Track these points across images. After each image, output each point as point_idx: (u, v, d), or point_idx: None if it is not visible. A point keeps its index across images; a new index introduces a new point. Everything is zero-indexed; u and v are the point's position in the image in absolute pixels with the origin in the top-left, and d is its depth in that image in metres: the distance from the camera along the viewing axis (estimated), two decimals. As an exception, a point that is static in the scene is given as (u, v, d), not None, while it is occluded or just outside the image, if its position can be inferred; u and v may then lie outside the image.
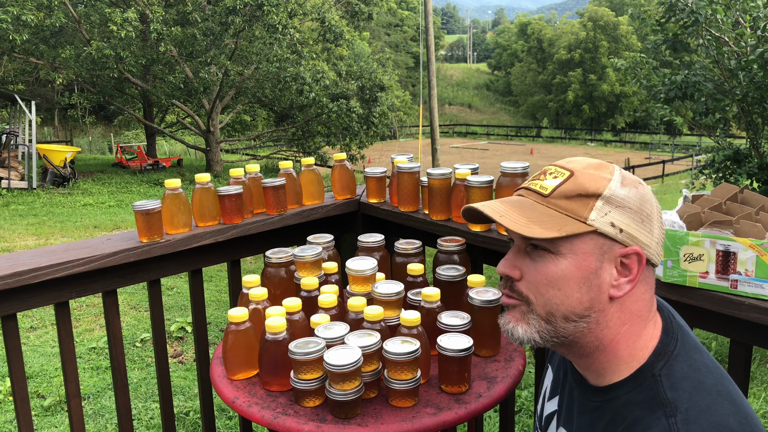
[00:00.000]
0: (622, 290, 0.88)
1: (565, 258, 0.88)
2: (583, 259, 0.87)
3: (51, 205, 12.63)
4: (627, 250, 0.87)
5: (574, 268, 0.87)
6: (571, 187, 0.88)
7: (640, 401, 0.86)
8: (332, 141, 18.90)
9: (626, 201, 0.88)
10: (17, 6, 13.80)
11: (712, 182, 7.80)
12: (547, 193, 0.89)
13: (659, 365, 0.88)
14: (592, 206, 0.87)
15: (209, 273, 6.87)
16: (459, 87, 56.63)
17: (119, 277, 1.69)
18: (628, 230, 0.87)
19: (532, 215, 0.88)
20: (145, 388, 4.13)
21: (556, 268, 0.88)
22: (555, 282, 0.88)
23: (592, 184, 0.88)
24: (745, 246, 1.16)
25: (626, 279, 0.88)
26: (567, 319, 0.89)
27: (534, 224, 0.87)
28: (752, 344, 1.29)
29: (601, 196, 0.87)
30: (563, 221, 0.87)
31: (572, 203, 0.88)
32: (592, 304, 0.88)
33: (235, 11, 14.64)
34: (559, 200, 0.88)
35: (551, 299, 0.89)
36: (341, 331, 1.37)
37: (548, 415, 1.09)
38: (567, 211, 0.88)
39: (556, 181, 0.90)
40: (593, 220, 0.86)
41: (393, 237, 2.06)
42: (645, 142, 36.39)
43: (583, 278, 0.87)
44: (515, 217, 0.89)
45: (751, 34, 6.55)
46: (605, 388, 0.92)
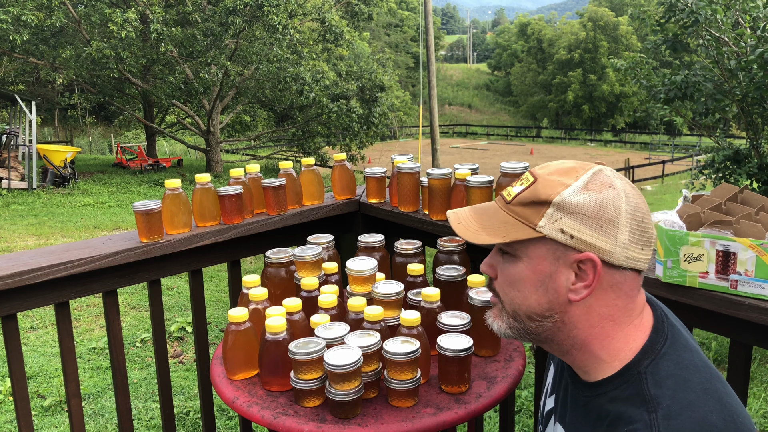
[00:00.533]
0: (578, 294, 0.91)
1: (522, 261, 0.93)
2: (537, 263, 0.92)
3: (51, 205, 12.63)
4: (581, 256, 0.89)
5: (530, 272, 0.93)
6: (528, 195, 0.93)
7: (624, 397, 0.88)
8: (332, 141, 18.90)
9: (580, 207, 0.88)
10: (17, 6, 13.80)
11: (712, 182, 7.80)
12: (509, 200, 0.95)
13: (645, 363, 0.90)
14: (543, 213, 0.90)
15: (209, 273, 6.87)
16: (459, 87, 56.63)
17: (119, 277, 1.69)
18: (579, 236, 0.89)
19: (487, 222, 0.95)
20: (145, 388, 4.13)
21: (514, 270, 0.95)
22: (514, 283, 0.95)
23: (546, 191, 0.91)
24: (745, 246, 1.16)
25: (582, 284, 0.91)
26: (530, 318, 0.95)
27: (483, 231, 0.94)
28: (752, 344, 1.29)
29: (552, 203, 0.90)
30: (513, 227, 0.92)
31: (526, 210, 0.92)
32: (552, 305, 0.93)
33: (235, 11, 14.64)
34: (516, 207, 0.94)
35: (513, 299, 0.96)
36: (341, 331, 1.37)
37: (548, 411, 1.11)
38: (521, 218, 0.93)
39: (521, 187, 0.95)
40: (542, 226, 0.90)
41: (393, 237, 2.06)
42: (645, 142, 36.39)
43: (538, 281, 0.92)
44: (469, 224, 0.97)
45: (750, 34, 6.56)
46: (594, 384, 0.95)
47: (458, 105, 53.63)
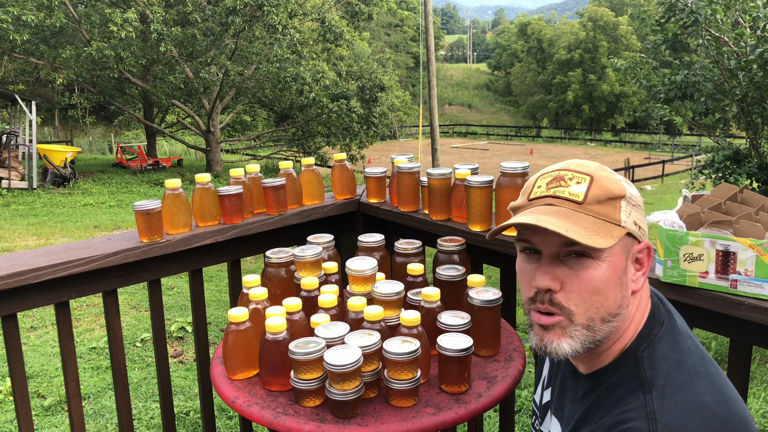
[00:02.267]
0: (639, 284, 0.93)
1: (604, 262, 0.89)
2: (617, 260, 0.90)
3: (51, 205, 12.63)
4: (641, 246, 0.92)
5: (612, 270, 0.89)
6: (600, 192, 0.90)
7: (622, 382, 0.90)
8: (332, 141, 18.90)
9: (637, 199, 0.93)
10: (18, 6, 13.81)
11: (712, 182, 7.80)
12: (581, 200, 0.89)
13: (642, 347, 0.92)
14: (620, 208, 0.90)
15: (209, 273, 6.87)
16: (459, 87, 56.62)
17: (119, 277, 1.69)
18: (643, 227, 0.93)
19: (584, 224, 0.88)
20: (145, 388, 4.13)
21: (598, 273, 0.89)
22: (599, 288, 0.89)
23: (615, 186, 0.91)
24: (744, 246, 1.16)
25: (641, 273, 0.93)
26: (604, 321, 0.91)
27: (593, 233, 0.87)
28: (752, 344, 1.29)
29: (625, 197, 0.90)
30: (608, 227, 0.88)
31: (605, 207, 0.89)
32: (623, 301, 0.92)
33: (235, 11, 14.64)
34: (593, 206, 0.89)
35: (594, 305, 0.90)
36: (341, 331, 1.37)
37: (545, 404, 1.12)
38: (603, 216, 0.89)
39: (582, 187, 0.90)
40: (624, 222, 0.89)
41: (393, 237, 2.07)
42: (645, 142, 36.38)
43: (617, 278, 0.90)
44: (576, 228, 0.87)
45: (750, 34, 6.56)
46: (593, 374, 0.96)
47: (458, 105, 53.62)
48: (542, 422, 1.12)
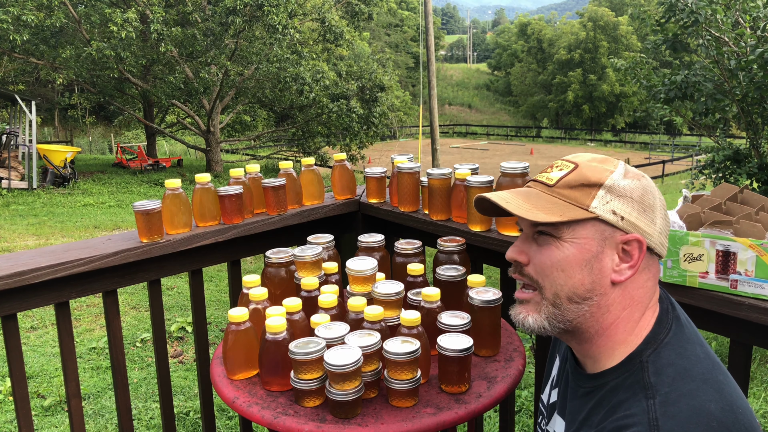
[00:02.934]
0: (623, 275, 0.93)
1: (566, 242, 0.93)
2: (584, 244, 0.93)
3: (51, 205, 12.63)
4: (628, 237, 0.92)
5: (576, 251, 0.93)
6: (575, 178, 0.94)
7: (625, 386, 0.89)
8: (332, 141, 18.90)
9: (628, 191, 0.93)
10: (17, 6, 13.80)
11: (712, 182, 7.80)
12: (552, 184, 0.96)
13: (648, 352, 0.92)
14: (594, 195, 0.92)
15: (209, 273, 6.87)
16: (459, 87, 56.61)
17: (119, 277, 1.69)
18: (629, 218, 0.92)
19: (537, 202, 0.95)
20: (145, 388, 4.13)
21: (558, 251, 0.94)
22: (559, 263, 0.94)
23: (595, 174, 0.94)
24: (744, 246, 1.16)
25: (627, 265, 0.93)
26: (570, 300, 0.94)
27: (538, 210, 0.93)
28: (752, 344, 1.29)
29: (603, 185, 0.93)
30: (566, 208, 0.93)
31: (575, 192, 0.94)
32: (594, 286, 0.93)
33: (235, 11, 14.64)
34: (563, 189, 0.94)
35: (556, 279, 0.94)
36: (341, 331, 1.37)
37: (552, 404, 1.12)
38: (570, 200, 0.94)
39: (561, 172, 0.96)
40: (595, 207, 0.92)
41: (393, 237, 2.07)
42: (645, 142, 36.39)
43: (584, 261, 0.93)
44: (520, 203, 0.95)
45: (751, 34, 6.56)
46: (597, 375, 0.96)
47: (458, 105, 53.62)
48: (549, 422, 1.11)
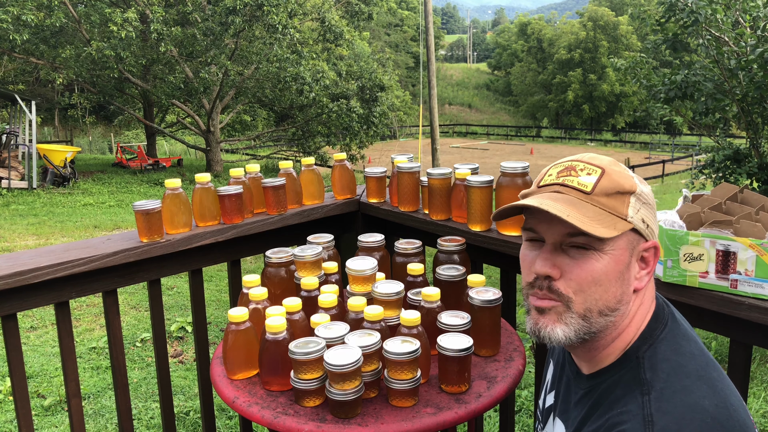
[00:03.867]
0: (642, 282, 0.93)
1: (607, 254, 0.89)
2: (620, 255, 0.90)
3: (51, 205, 12.63)
4: (648, 244, 0.92)
5: (614, 264, 0.89)
6: (609, 185, 0.90)
7: (621, 382, 0.90)
8: (332, 141, 18.90)
9: (648, 197, 0.93)
10: (17, 6, 13.80)
11: (712, 182, 7.80)
12: (589, 191, 0.90)
13: (643, 348, 0.91)
14: (628, 203, 0.90)
15: (209, 273, 6.87)
16: (459, 87, 56.61)
17: (119, 277, 1.69)
18: (651, 225, 0.93)
19: (588, 213, 0.88)
20: (145, 388, 4.13)
21: (599, 264, 0.89)
22: (599, 279, 0.89)
23: (626, 181, 0.91)
24: (745, 246, 1.16)
25: (645, 271, 0.93)
26: (601, 314, 0.91)
27: (595, 222, 0.87)
28: (752, 344, 1.29)
29: (635, 193, 0.91)
30: (613, 219, 0.89)
31: (612, 200, 0.90)
32: (623, 297, 0.92)
33: (235, 11, 14.64)
34: (601, 197, 0.90)
35: (593, 295, 0.90)
36: (341, 331, 1.37)
37: (548, 408, 1.12)
38: (609, 209, 0.89)
39: (592, 178, 0.91)
40: (631, 217, 0.90)
41: (393, 237, 2.07)
42: (645, 142, 36.39)
43: (619, 273, 0.90)
44: (578, 215, 0.87)
45: (751, 34, 6.56)
46: (594, 374, 0.96)
47: (458, 105, 53.62)
48: (544, 427, 1.11)
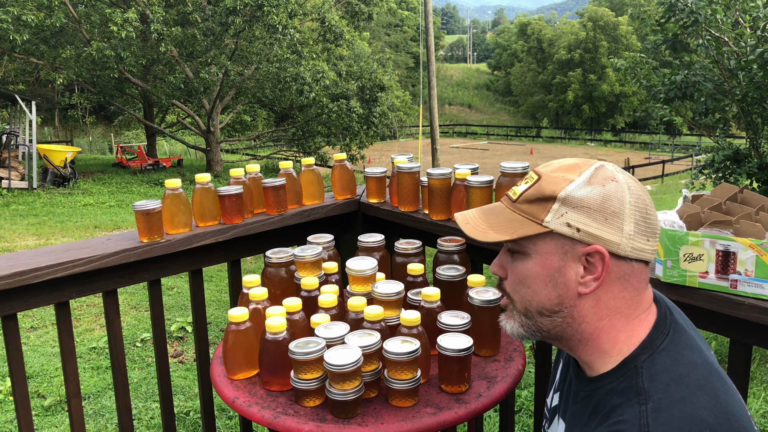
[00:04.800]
0: (588, 287, 0.92)
1: (531, 258, 0.95)
2: (545, 258, 0.93)
3: (51, 205, 12.64)
4: (588, 249, 0.90)
5: (539, 267, 0.94)
6: (533, 192, 0.94)
7: (619, 390, 0.89)
8: (332, 141, 18.89)
9: (584, 201, 0.90)
10: (18, 6, 13.80)
11: (712, 182, 7.80)
12: (515, 199, 0.97)
13: (643, 357, 0.91)
14: (549, 208, 0.92)
15: (209, 273, 6.87)
16: (459, 87, 56.61)
17: (119, 277, 1.69)
18: (586, 229, 0.90)
19: (495, 221, 0.97)
20: (145, 388, 4.13)
21: (523, 267, 0.96)
22: (524, 280, 0.96)
23: (550, 187, 0.93)
24: (744, 246, 1.16)
25: (592, 277, 0.92)
26: (541, 314, 0.96)
27: (491, 229, 0.96)
28: (752, 344, 1.29)
29: (557, 198, 0.91)
30: (521, 224, 0.94)
31: (532, 207, 0.94)
32: (561, 300, 0.94)
33: (235, 11, 14.64)
34: (522, 204, 0.95)
35: (524, 296, 0.97)
36: (341, 331, 1.37)
37: (554, 407, 1.12)
38: (527, 215, 0.94)
39: (525, 186, 0.97)
40: (548, 221, 0.92)
41: (393, 237, 2.06)
42: (645, 142, 36.38)
43: (548, 276, 0.94)
44: (477, 223, 0.98)
45: (750, 34, 6.56)
46: (594, 379, 0.96)
47: (458, 105, 53.62)
48: (550, 425, 1.11)
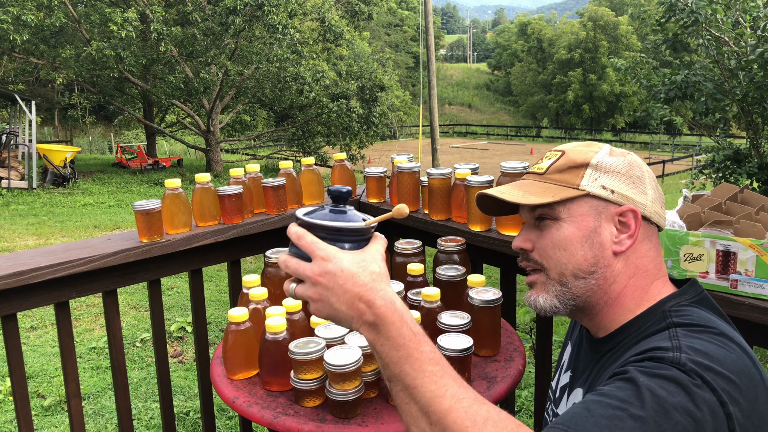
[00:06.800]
0: (623, 245, 0.97)
1: (565, 222, 0.98)
2: (581, 221, 0.97)
3: (51, 205, 12.63)
4: (622, 209, 0.97)
5: (575, 229, 0.97)
6: (563, 162, 1.01)
7: (649, 332, 0.92)
8: (332, 141, 18.90)
9: (614, 167, 0.98)
10: (17, 6, 13.80)
11: (712, 182, 7.80)
12: (543, 172, 1.02)
13: (670, 304, 0.94)
14: (583, 174, 0.98)
15: (209, 273, 6.87)
16: (459, 87, 56.62)
17: (119, 277, 1.69)
18: (619, 191, 0.97)
19: (530, 189, 1.01)
20: (145, 388, 4.13)
21: (558, 232, 0.98)
22: (560, 243, 0.98)
23: (580, 156, 1.00)
24: (745, 246, 1.16)
25: (626, 235, 0.97)
26: (576, 277, 0.98)
27: (531, 195, 0.99)
28: (752, 344, 1.29)
29: (590, 164, 0.98)
30: (557, 190, 0.98)
31: (565, 175, 0.99)
32: (597, 260, 0.97)
33: (235, 11, 14.64)
34: (553, 175, 1.01)
35: (560, 260, 0.99)
36: (341, 331, 1.37)
37: (562, 387, 1.13)
38: (560, 182, 0.99)
39: (550, 161, 1.03)
40: (584, 185, 0.97)
41: (393, 237, 2.06)
42: (645, 142, 36.39)
43: (584, 237, 0.97)
44: (514, 192, 1.01)
45: (751, 34, 6.56)
46: (616, 331, 0.98)
47: (458, 105, 53.63)
48: (558, 405, 1.12)
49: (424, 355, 0.78)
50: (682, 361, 0.78)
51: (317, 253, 0.80)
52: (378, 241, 0.85)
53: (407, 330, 0.79)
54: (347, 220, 0.83)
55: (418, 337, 0.79)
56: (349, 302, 0.79)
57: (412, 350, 0.78)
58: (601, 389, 0.80)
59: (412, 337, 0.79)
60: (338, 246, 0.81)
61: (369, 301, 0.78)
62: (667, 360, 0.79)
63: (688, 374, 0.77)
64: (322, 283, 0.80)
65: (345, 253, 0.80)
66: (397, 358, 0.78)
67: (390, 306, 0.79)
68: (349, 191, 0.85)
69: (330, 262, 0.80)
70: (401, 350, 0.78)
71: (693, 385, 0.76)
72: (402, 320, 0.79)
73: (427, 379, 0.77)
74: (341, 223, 0.81)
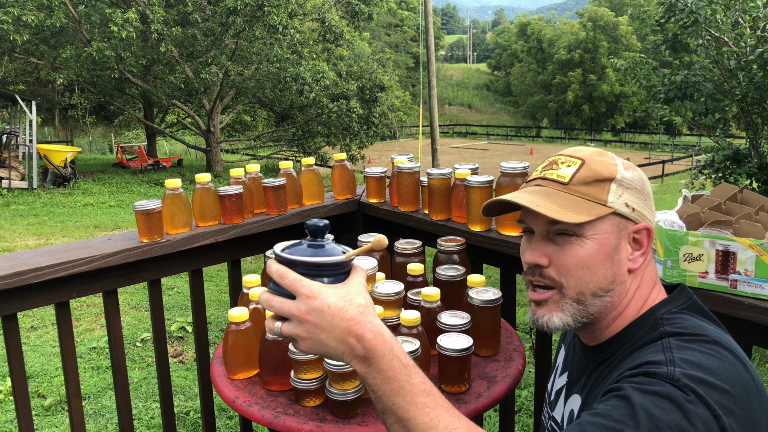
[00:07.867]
0: (637, 263, 0.97)
1: (589, 239, 0.94)
2: (605, 239, 0.95)
3: (51, 205, 12.64)
4: (638, 227, 0.96)
5: (600, 247, 0.94)
6: (587, 174, 0.96)
7: (642, 341, 0.92)
8: (332, 141, 18.90)
9: (633, 182, 0.97)
10: (18, 6, 13.80)
11: (712, 182, 7.80)
12: (567, 181, 0.97)
13: (662, 311, 0.95)
14: (608, 189, 0.95)
15: (209, 273, 6.87)
16: (459, 87, 56.61)
17: (119, 277, 1.69)
18: (638, 209, 0.97)
19: (562, 202, 0.95)
20: (145, 388, 4.13)
21: (583, 249, 0.94)
22: (584, 263, 0.95)
23: (605, 169, 0.96)
24: (744, 246, 1.16)
25: (639, 252, 0.97)
26: (595, 296, 0.96)
27: (567, 210, 0.93)
28: (752, 344, 1.29)
29: (615, 179, 0.96)
30: (589, 206, 0.94)
31: (591, 188, 0.95)
32: (615, 278, 0.96)
33: (235, 12, 14.65)
34: (579, 186, 0.96)
35: (582, 278, 0.95)
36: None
37: (557, 390, 1.13)
38: (588, 197, 0.95)
39: (571, 169, 0.98)
40: (612, 202, 0.95)
41: (393, 237, 2.07)
42: (645, 142, 36.38)
43: (606, 255, 0.95)
44: (549, 205, 0.94)
45: (750, 34, 6.56)
46: (610, 339, 0.99)
47: (458, 105, 53.63)
48: (554, 408, 1.12)
49: (415, 387, 0.78)
50: (675, 376, 0.79)
51: (302, 291, 0.79)
52: (358, 273, 0.84)
53: (397, 362, 0.79)
54: (326, 254, 0.82)
55: (409, 369, 0.79)
56: (339, 337, 0.79)
57: (403, 382, 0.78)
58: (596, 408, 0.81)
59: (402, 370, 0.79)
60: (318, 280, 0.80)
61: (358, 335, 0.78)
62: (661, 375, 0.80)
63: (681, 390, 0.77)
64: (310, 321, 0.79)
65: (330, 288, 0.80)
66: (389, 391, 0.78)
67: (379, 339, 0.79)
68: (326, 225, 0.84)
69: (316, 299, 0.78)
70: (393, 383, 0.78)
71: (687, 401, 0.76)
72: (392, 352, 0.79)
73: (419, 411, 0.77)
74: (321, 258, 0.81)
